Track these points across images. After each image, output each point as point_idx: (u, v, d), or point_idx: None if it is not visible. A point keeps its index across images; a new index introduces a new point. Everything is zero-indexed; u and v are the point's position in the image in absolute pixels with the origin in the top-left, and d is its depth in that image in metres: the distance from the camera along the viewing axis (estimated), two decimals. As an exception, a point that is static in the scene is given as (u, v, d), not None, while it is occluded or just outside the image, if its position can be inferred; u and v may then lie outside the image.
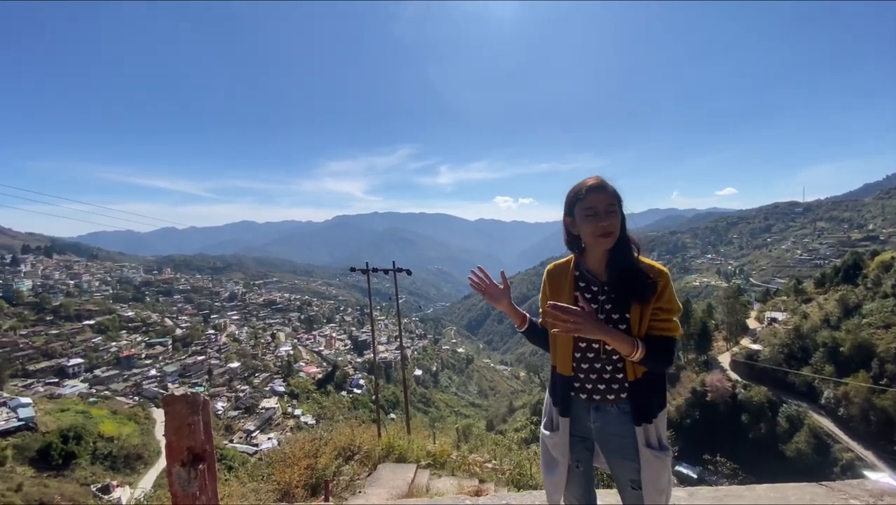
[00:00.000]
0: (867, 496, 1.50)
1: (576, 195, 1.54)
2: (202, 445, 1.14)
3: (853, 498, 1.50)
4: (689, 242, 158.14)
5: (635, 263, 1.54)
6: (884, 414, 25.78)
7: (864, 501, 1.48)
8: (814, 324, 33.98)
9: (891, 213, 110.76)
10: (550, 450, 1.65)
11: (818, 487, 1.60)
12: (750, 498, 1.50)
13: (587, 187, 1.50)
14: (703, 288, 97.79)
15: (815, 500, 1.48)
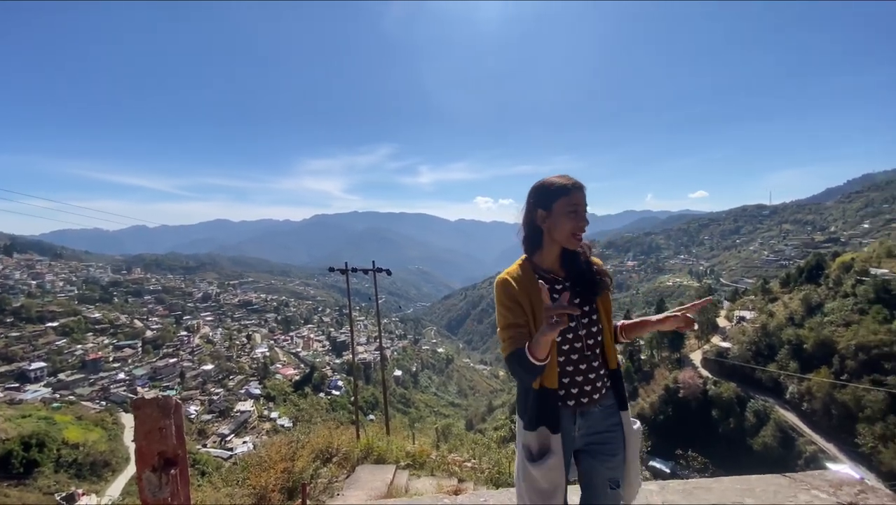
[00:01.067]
0: (827, 487, 1.59)
1: (560, 189, 1.49)
2: (174, 450, 1.10)
3: (814, 488, 1.59)
4: (663, 243, 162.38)
5: (590, 261, 1.64)
6: (844, 408, 27.03)
7: (825, 491, 1.57)
8: (779, 322, 35.34)
9: (851, 216, 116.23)
10: (544, 479, 1.47)
11: (781, 479, 1.71)
12: (717, 490, 1.58)
13: (573, 184, 1.50)
14: (676, 288, 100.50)
15: (778, 491, 1.55)
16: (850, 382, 27.24)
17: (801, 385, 29.95)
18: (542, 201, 1.52)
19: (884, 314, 29.23)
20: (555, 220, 1.50)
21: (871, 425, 25.14)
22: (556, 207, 1.49)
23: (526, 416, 1.54)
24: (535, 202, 1.54)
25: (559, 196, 1.49)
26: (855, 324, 30.12)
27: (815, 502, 1.49)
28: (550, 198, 1.51)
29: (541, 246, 1.56)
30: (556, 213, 1.50)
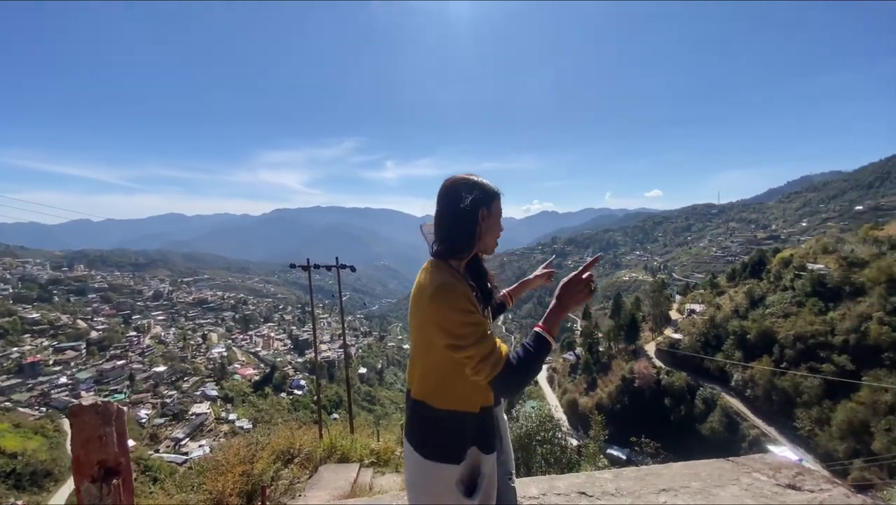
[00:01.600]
0: (767, 469, 1.70)
1: (496, 192, 1.38)
2: (115, 459, 1.03)
3: (755, 472, 1.68)
4: (620, 240, 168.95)
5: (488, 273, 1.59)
6: (784, 394, 29.13)
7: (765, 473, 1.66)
8: (726, 314, 37.55)
9: (790, 215, 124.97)
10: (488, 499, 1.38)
11: (725, 463, 1.81)
12: (667, 476, 1.67)
13: (498, 192, 1.39)
14: (632, 282, 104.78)
15: (722, 474, 1.65)
16: (789, 369, 29.37)
17: (745, 373, 32.00)
18: (486, 200, 1.35)
19: (819, 306, 31.63)
20: (487, 226, 1.37)
21: (808, 410, 27.25)
22: (493, 209, 1.37)
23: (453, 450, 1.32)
24: (478, 199, 1.33)
25: (496, 198, 1.38)
26: (793, 315, 32.43)
27: (755, 484, 1.56)
28: (492, 198, 1.37)
29: (470, 249, 1.38)
30: (491, 219, 1.37)
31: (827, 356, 28.45)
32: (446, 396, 1.32)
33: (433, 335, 1.26)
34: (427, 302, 1.25)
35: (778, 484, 1.56)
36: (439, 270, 1.33)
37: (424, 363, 1.34)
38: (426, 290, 1.27)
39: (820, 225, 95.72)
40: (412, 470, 1.36)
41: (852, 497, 1.43)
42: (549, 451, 4.46)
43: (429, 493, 1.31)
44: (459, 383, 1.31)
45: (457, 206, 1.32)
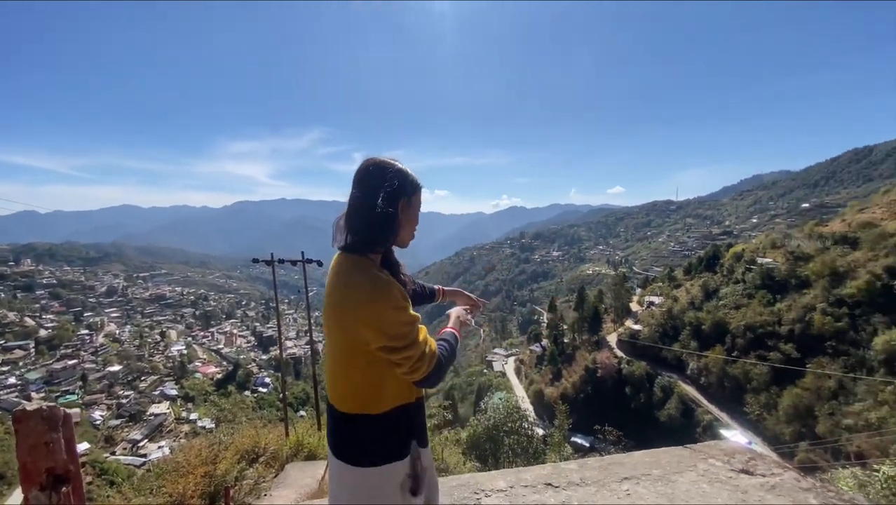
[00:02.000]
0: (722, 455, 1.83)
1: (418, 183, 1.28)
2: (64, 466, 0.97)
3: (711, 458, 1.80)
4: (584, 235, 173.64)
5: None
6: (735, 381, 30.87)
7: (720, 459, 1.78)
8: (682, 306, 39.33)
9: (742, 211, 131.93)
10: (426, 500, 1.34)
11: (683, 450, 1.92)
12: (629, 464, 1.75)
13: (420, 184, 1.29)
14: (595, 276, 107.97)
15: (681, 461, 1.75)
16: (740, 358, 31.12)
17: (700, 362, 33.68)
18: (408, 189, 1.25)
19: (768, 298, 33.62)
20: (407, 217, 1.26)
21: (757, 396, 29.01)
22: (414, 201, 1.27)
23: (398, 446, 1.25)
24: (401, 187, 1.22)
25: (417, 190, 1.28)
26: (744, 307, 34.33)
27: (711, 470, 1.66)
28: (414, 188, 1.26)
29: (388, 242, 1.28)
30: (413, 208, 1.28)
31: (774, 345, 30.31)
32: (386, 399, 1.22)
33: (369, 337, 1.14)
34: (365, 303, 1.12)
35: (732, 469, 1.67)
36: (363, 266, 1.19)
37: (356, 372, 1.20)
38: (358, 289, 1.14)
39: (769, 221, 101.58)
40: (352, 487, 1.23)
41: (802, 480, 1.53)
42: (516, 441, 4.56)
43: (374, 502, 1.21)
44: (396, 381, 1.23)
45: (377, 192, 1.19)
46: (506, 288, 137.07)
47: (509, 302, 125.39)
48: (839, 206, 74.22)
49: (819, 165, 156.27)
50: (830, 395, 25.97)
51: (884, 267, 29.30)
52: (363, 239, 1.22)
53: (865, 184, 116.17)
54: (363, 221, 1.22)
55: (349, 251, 1.24)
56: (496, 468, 4.57)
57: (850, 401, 25.13)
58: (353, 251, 1.24)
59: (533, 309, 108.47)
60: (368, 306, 1.12)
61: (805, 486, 1.51)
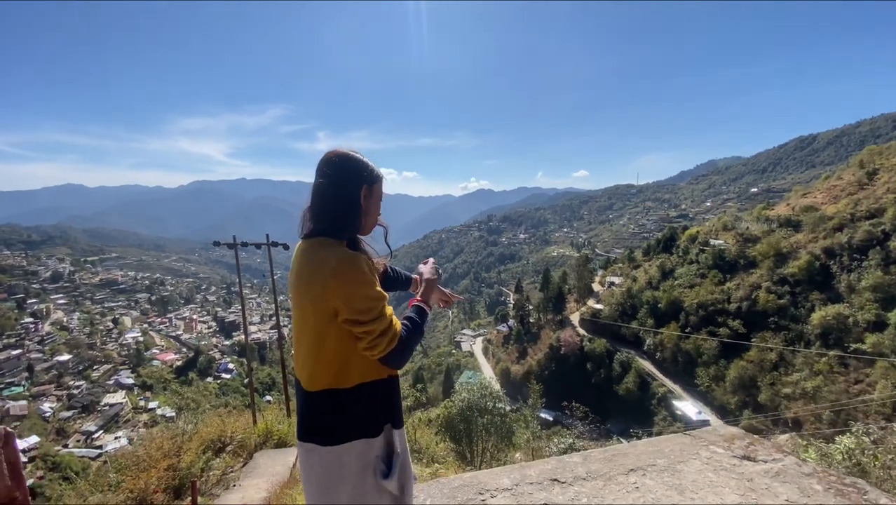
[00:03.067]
0: (722, 441, 1.85)
1: (376, 174, 1.30)
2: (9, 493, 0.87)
3: (712, 444, 1.82)
4: (550, 218, 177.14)
5: None
6: (687, 355, 32.73)
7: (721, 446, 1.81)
8: (641, 286, 41.03)
9: (697, 195, 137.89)
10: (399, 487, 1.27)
11: (684, 438, 1.94)
12: (633, 454, 1.76)
13: (381, 175, 1.33)
14: (560, 258, 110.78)
15: (683, 449, 1.78)
16: (692, 334, 32.96)
17: (656, 338, 35.43)
18: (370, 178, 1.28)
19: (719, 277, 35.57)
20: (369, 205, 1.29)
21: (707, 368, 30.92)
22: (375, 191, 1.30)
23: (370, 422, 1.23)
24: (363, 176, 1.27)
25: (378, 180, 1.31)
26: (697, 286, 36.21)
27: (714, 458, 1.69)
28: (375, 178, 1.30)
29: (353, 229, 1.31)
30: (374, 197, 1.31)
31: (723, 321, 32.26)
32: (356, 373, 1.22)
33: (339, 307, 1.15)
34: (329, 277, 1.14)
35: (734, 456, 1.71)
36: (331, 245, 1.22)
37: (328, 346, 1.20)
38: (326, 263, 1.16)
39: (721, 205, 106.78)
40: (321, 468, 1.19)
41: (803, 465, 1.57)
42: (490, 421, 4.66)
43: (345, 483, 1.18)
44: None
45: (341, 181, 1.24)
46: (474, 270, 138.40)
47: (477, 284, 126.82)
48: (785, 190, 78.86)
49: (768, 152, 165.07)
50: (772, 366, 28.06)
51: (822, 248, 31.58)
52: (328, 227, 1.25)
53: (808, 170, 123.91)
54: (327, 210, 1.26)
55: (312, 237, 1.27)
56: (469, 448, 4.69)
57: (789, 372, 27.28)
58: (320, 236, 1.26)
59: (500, 290, 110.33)
60: (337, 278, 1.14)
61: (806, 470, 1.54)
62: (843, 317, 27.16)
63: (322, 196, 1.26)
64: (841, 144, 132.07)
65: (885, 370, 23.43)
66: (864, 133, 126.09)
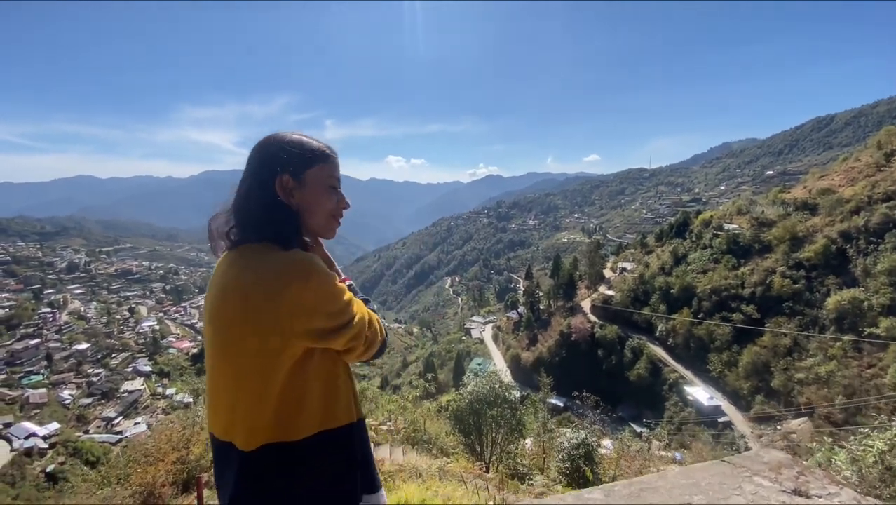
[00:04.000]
0: (767, 470, 1.60)
1: (315, 152, 0.99)
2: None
3: (755, 474, 1.58)
4: (561, 203, 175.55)
5: None
6: (700, 341, 32.43)
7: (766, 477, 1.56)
8: (653, 271, 40.57)
9: (711, 179, 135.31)
10: None
11: (723, 466, 1.68)
12: (664, 489, 1.51)
13: (332, 149, 1.03)
14: (570, 244, 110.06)
15: (723, 481, 1.54)
16: (705, 319, 32.61)
17: (668, 324, 35.13)
18: (294, 164, 0.96)
19: (732, 262, 34.99)
20: (310, 195, 0.97)
21: (720, 354, 30.62)
22: (308, 178, 0.97)
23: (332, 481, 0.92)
24: (273, 164, 0.95)
25: (314, 163, 0.98)
26: (710, 271, 35.69)
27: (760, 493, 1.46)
28: (306, 162, 0.97)
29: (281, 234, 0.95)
30: (312, 185, 0.97)
31: (737, 307, 31.81)
32: (312, 416, 0.89)
33: (298, 326, 0.84)
34: (291, 283, 0.83)
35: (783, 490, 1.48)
36: (270, 249, 0.91)
37: (270, 387, 0.86)
38: (278, 270, 0.85)
39: (736, 188, 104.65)
40: None
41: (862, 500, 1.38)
42: (499, 413, 4.62)
43: None
44: (323, 396, 0.92)
45: (256, 172, 0.96)
46: (483, 257, 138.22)
47: (487, 271, 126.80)
48: (801, 173, 76.97)
49: (784, 134, 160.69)
50: (785, 351, 27.70)
51: (839, 231, 30.81)
52: (252, 232, 0.94)
53: (826, 151, 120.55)
54: (245, 210, 0.95)
55: (243, 244, 0.95)
56: (479, 440, 4.66)
57: (803, 357, 26.91)
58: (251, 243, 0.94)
59: (510, 277, 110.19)
60: (298, 285, 0.83)
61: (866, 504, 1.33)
62: (859, 301, 26.62)
63: (239, 193, 0.98)
64: (859, 125, 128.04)
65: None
66: (882, 113, 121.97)
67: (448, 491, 2.86)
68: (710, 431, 24.31)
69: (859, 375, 24.04)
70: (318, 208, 0.99)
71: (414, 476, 3.24)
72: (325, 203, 0.99)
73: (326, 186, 0.99)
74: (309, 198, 0.97)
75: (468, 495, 2.84)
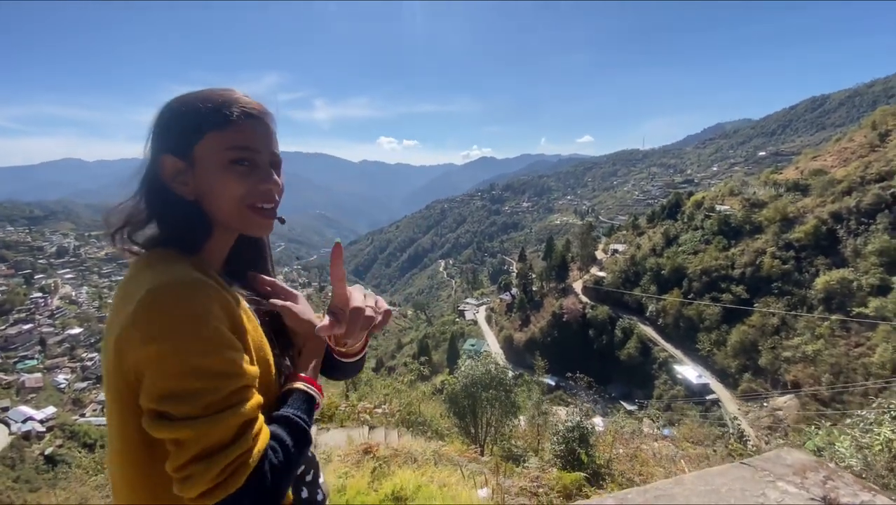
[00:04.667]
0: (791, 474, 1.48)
1: (207, 116, 0.69)
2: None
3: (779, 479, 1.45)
4: (554, 185, 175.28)
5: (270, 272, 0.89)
6: (689, 321, 32.96)
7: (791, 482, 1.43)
8: (644, 253, 40.90)
9: (704, 160, 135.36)
10: None
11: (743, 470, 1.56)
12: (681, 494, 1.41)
13: (241, 105, 0.71)
14: (563, 226, 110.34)
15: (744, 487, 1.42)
16: (695, 300, 33.07)
17: (658, 304, 35.61)
18: (173, 139, 0.71)
19: (724, 243, 35.32)
20: (212, 178, 0.70)
21: (709, 333, 31.18)
22: (205, 153, 0.69)
23: None
24: (161, 139, 0.72)
25: (206, 127, 0.69)
26: (701, 252, 36.04)
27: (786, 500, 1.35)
28: (191, 130, 0.70)
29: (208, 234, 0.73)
30: (210, 165, 0.70)
31: (727, 287, 32.27)
32: None
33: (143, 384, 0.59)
34: (129, 321, 0.59)
35: (812, 498, 1.36)
36: (166, 260, 0.68)
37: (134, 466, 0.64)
38: (132, 297, 0.61)
39: (728, 169, 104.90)
40: None
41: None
42: (493, 396, 4.68)
43: None
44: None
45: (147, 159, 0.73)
46: (477, 239, 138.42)
47: (480, 253, 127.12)
48: (794, 153, 77.12)
49: (777, 114, 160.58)
50: (773, 331, 28.26)
51: (830, 212, 31.12)
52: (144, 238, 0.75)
53: (819, 132, 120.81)
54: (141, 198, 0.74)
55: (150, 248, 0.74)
56: (473, 423, 4.72)
57: (790, 336, 27.49)
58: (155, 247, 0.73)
59: (503, 260, 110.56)
60: (140, 323, 0.58)
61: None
62: (848, 281, 27.09)
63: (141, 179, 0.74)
64: (853, 105, 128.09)
65: (886, 334, 23.55)
66: (877, 93, 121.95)
67: (443, 476, 2.90)
68: (699, 409, 24.96)
69: (846, 353, 24.63)
70: (217, 196, 0.70)
71: (409, 461, 3.28)
72: (226, 188, 0.69)
73: (228, 163, 0.69)
74: (202, 182, 0.70)
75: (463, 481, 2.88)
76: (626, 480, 3.75)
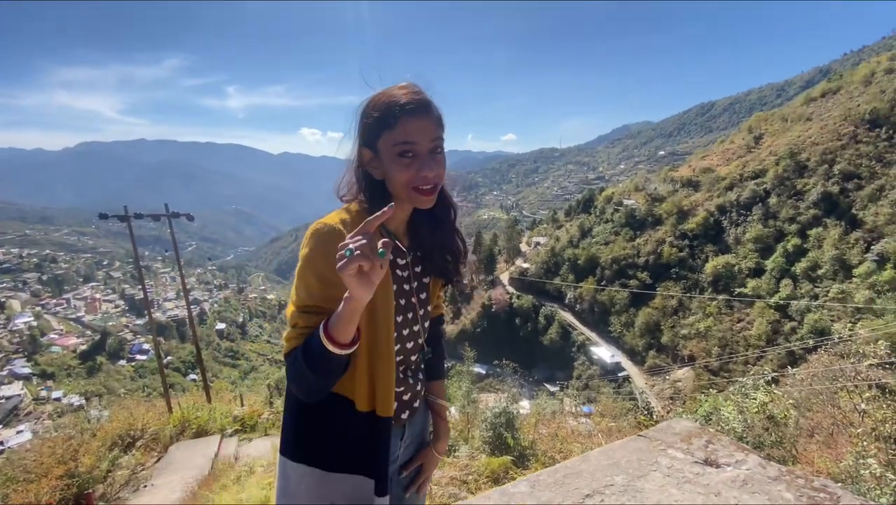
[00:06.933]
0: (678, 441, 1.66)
1: (384, 115, 0.89)
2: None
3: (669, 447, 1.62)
4: (481, 181, 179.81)
5: (457, 232, 1.16)
6: (603, 306, 35.77)
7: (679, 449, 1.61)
8: (563, 244, 43.57)
9: (613, 158, 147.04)
10: None
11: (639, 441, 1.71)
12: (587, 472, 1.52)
13: (402, 106, 0.87)
14: (490, 220, 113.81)
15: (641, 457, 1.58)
16: (607, 286, 35.92)
17: (576, 292, 38.22)
18: (368, 134, 0.94)
19: (630, 234, 38.74)
20: (387, 167, 0.91)
21: (619, 316, 34.10)
22: (383, 147, 0.91)
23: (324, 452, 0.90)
24: (361, 137, 0.96)
25: (383, 127, 0.90)
26: (612, 243, 39.22)
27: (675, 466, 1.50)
28: (374, 129, 0.92)
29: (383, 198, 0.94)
30: (386, 158, 0.91)
31: (634, 274, 35.51)
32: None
33: None
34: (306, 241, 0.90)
35: (696, 461, 1.53)
36: (343, 210, 1.00)
37: None
38: None
39: (634, 167, 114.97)
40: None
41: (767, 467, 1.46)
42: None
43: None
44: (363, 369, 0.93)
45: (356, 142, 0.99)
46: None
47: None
48: (688, 153, 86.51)
49: (673, 117, 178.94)
50: (672, 311, 31.68)
51: (716, 206, 35.45)
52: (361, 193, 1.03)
53: (707, 134, 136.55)
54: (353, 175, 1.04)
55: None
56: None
57: (686, 315, 31.01)
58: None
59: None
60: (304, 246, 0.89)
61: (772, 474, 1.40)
62: (731, 266, 31.15)
63: None
64: (734, 111, 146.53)
65: (761, 310, 27.48)
66: (753, 101, 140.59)
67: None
68: (613, 386, 27.27)
69: (731, 328, 28.33)
70: (393, 180, 0.93)
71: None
72: (396, 175, 0.91)
73: (396, 157, 0.90)
74: (388, 170, 0.93)
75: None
76: (549, 458, 4.02)
